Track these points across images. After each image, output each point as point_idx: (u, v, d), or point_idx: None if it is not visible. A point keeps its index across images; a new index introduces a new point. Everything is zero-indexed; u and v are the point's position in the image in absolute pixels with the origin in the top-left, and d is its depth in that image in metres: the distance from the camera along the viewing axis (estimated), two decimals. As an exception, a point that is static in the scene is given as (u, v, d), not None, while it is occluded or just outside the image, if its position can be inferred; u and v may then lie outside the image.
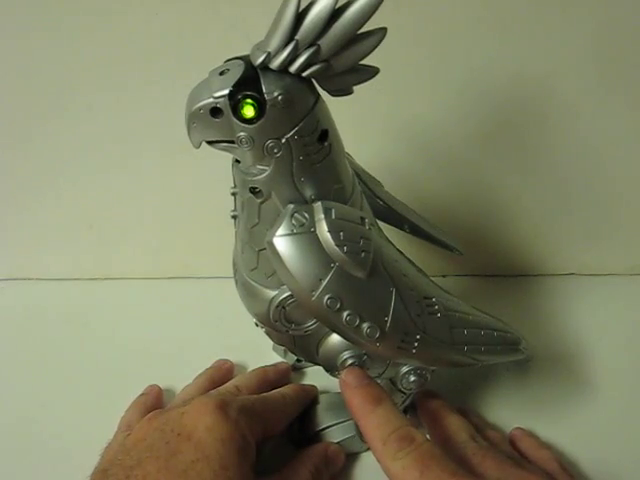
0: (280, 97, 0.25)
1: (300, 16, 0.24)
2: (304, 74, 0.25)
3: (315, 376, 0.41)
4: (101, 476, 0.29)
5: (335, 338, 0.32)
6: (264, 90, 0.25)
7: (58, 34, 0.41)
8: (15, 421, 0.40)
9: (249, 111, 0.25)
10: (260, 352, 0.42)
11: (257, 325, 0.34)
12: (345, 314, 0.28)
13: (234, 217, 0.33)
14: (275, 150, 0.26)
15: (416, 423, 0.36)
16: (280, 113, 0.25)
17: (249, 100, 0.25)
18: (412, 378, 0.34)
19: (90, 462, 0.31)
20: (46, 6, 0.40)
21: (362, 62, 0.25)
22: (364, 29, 0.24)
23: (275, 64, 0.24)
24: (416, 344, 0.30)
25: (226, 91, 0.25)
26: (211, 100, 0.25)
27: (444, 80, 0.42)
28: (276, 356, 0.43)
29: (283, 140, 0.26)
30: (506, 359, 0.36)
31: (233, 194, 0.31)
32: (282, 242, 0.27)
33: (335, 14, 0.23)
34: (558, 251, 0.50)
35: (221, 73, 0.25)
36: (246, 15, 0.39)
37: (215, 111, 0.25)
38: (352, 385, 0.31)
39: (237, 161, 0.29)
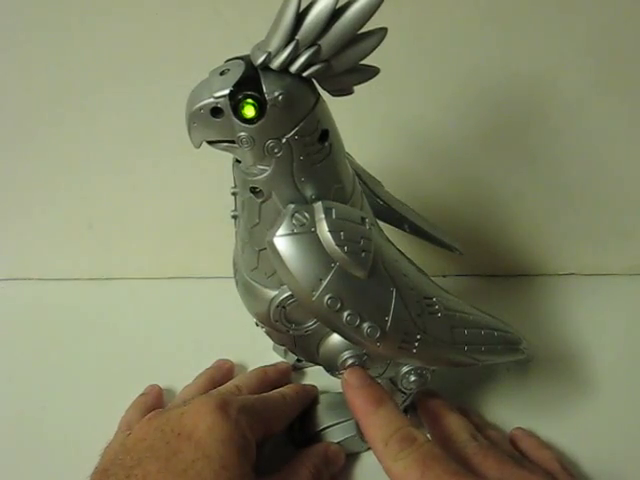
0: (281, 97, 0.25)
1: (300, 16, 0.24)
2: (304, 74, 0.25)
3: (315, 376, 0.41)
4: (101, 476, 0.29)
5: (335, 338, 0.32)
6: (264, 90, 0.25)
7: (57, 34, 0.41)
8: (15, 421, 0.40)
9: (249, 111, 0.25)
10: (260, 352, 0.42)
11: (257, 325, 0.34)
12: (345, 314, 0.27)
13: (234, 217, 0.33)
14: (275, 150, 0.26)
15: (416, 423, 0.36)
16: (280, 113, 0.25)
17: (250, 100, 0.25)
18: (412, 378, 0.34)
19: (90, 462, 0.31)
20: (46, 6, 0.40)
21: (362, 62, 0.25)
22: (364, 29, 0.24)
23: (276, 64, 0.24)
24: (417, 344, 0.30)
25: (226, 91, 0.25)
26: (211, 100, 0.25)
27: (444, 80, 0.42)
28: (276, 356, 0.43)
29: (283, 140, 0.26)
30: (506, 359, 0.36)
31: (233, 194, 0.31)
32: (282, 242, 0.27)
33: (335, 14, 0.23)
34: (558, 251, 0.50)
35: (221, 73, 0.25)
36: (246, 15, 0.39)
37: (215, 111, 0.25)
38: (354, 385, 0.31)
39: (237, 161, 0.28)
